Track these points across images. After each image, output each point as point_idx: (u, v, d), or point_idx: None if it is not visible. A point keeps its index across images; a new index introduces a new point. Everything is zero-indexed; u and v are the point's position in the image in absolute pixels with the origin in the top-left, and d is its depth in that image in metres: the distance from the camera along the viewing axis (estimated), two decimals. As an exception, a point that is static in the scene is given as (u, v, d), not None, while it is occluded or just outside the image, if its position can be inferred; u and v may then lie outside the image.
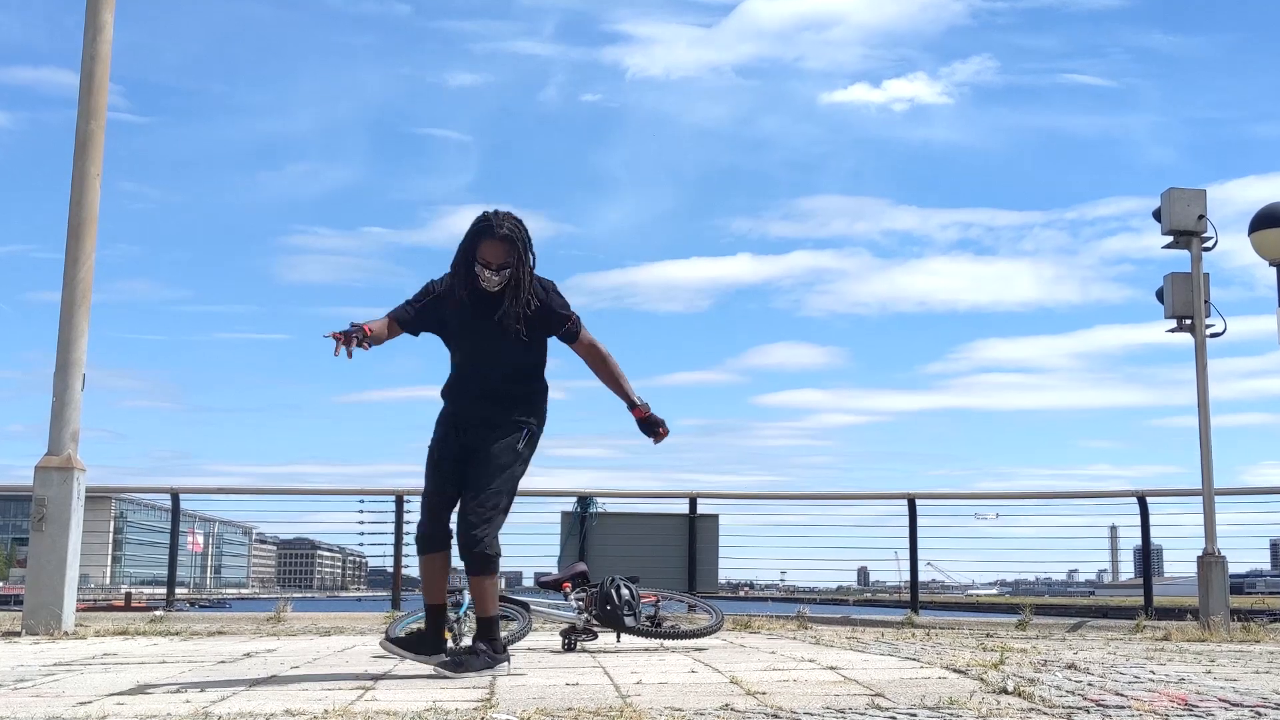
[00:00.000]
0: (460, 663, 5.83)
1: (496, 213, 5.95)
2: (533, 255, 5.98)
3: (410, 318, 6.07)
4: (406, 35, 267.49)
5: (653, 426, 6.26)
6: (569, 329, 6.15)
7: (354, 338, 5.70)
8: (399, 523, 13.71)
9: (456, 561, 6.19)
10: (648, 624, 7.77)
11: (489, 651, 5.91)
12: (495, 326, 5.97)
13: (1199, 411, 12.20)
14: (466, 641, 6.88)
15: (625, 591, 7.68)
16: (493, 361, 6.05)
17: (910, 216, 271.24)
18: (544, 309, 6.04)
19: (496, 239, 5.87)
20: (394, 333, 6.01)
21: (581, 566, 8.18)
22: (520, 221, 5.98)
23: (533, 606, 7.72)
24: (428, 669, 5.99)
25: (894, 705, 4.51)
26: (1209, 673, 5.90)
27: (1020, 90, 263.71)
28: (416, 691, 5.17)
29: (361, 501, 14.37)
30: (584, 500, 13.71)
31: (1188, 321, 12.27)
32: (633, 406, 6.26)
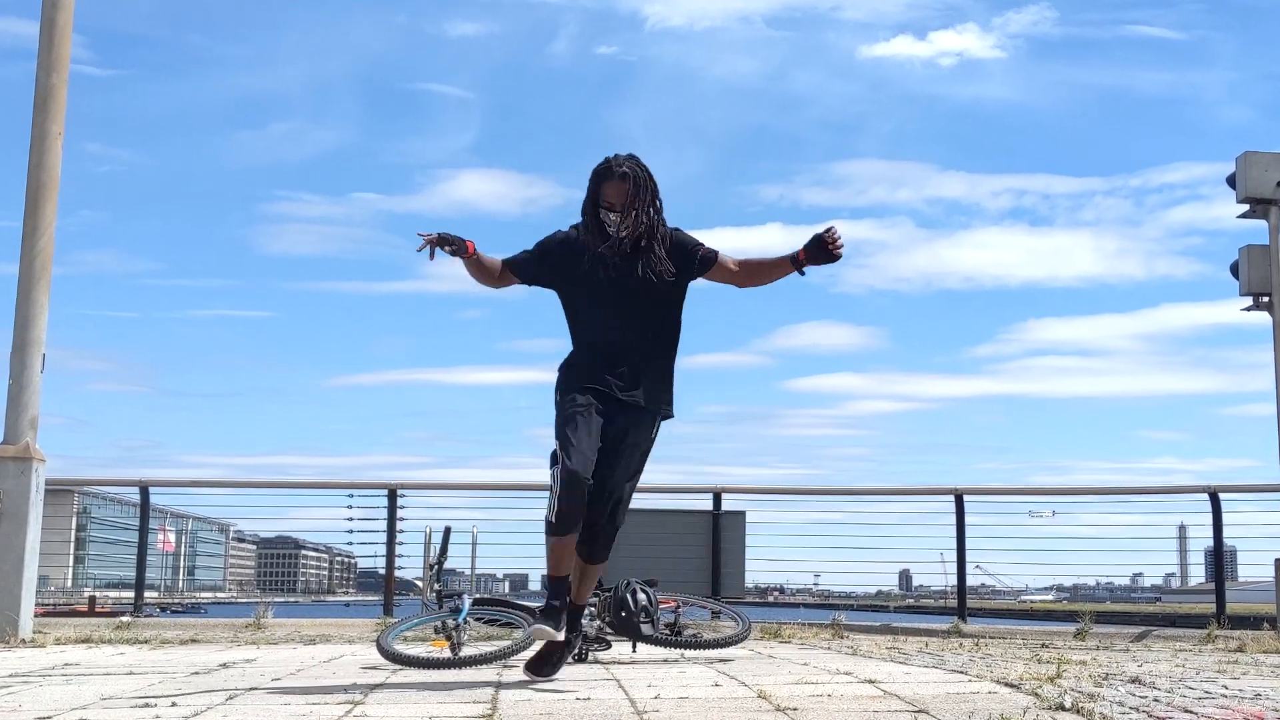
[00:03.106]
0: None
1: (616, 155, 6.18)
2: (659, 200, 6.19)
3: (529, 260, 6.32)
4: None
5: (823, 249, 6.06)
6: (705, 253, 6.27)
7: (447, 243, 6.06)
8: (392, 520, 13.70)
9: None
10: (666, 632, 7.78)
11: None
12: (631, 280, 6.13)
13: (1278, 398, 12.17)
14: (467, 650, 6.92)
15: (642, 596, 7.68)
16: (628, 324, 6.18)
17: (958, 183, 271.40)
18: (677, 246, 6.23)
19: (615, 178, 6.10)
20: (504, 280, 6.33)
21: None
22: (642, 163, 6.18)
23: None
24: (422, 679, 6.01)
25: (939, 723, 4.51)
26: (1289, 688, 5.89)
27: (1081, 43, 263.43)
28: (411, 706, 5.19)
29: (351, 496, 14.35)
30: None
31: (1265, 299, 12.24)
32: (795, 261, 6.17)
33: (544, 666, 6.23)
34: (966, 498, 13.80)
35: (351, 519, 14.41)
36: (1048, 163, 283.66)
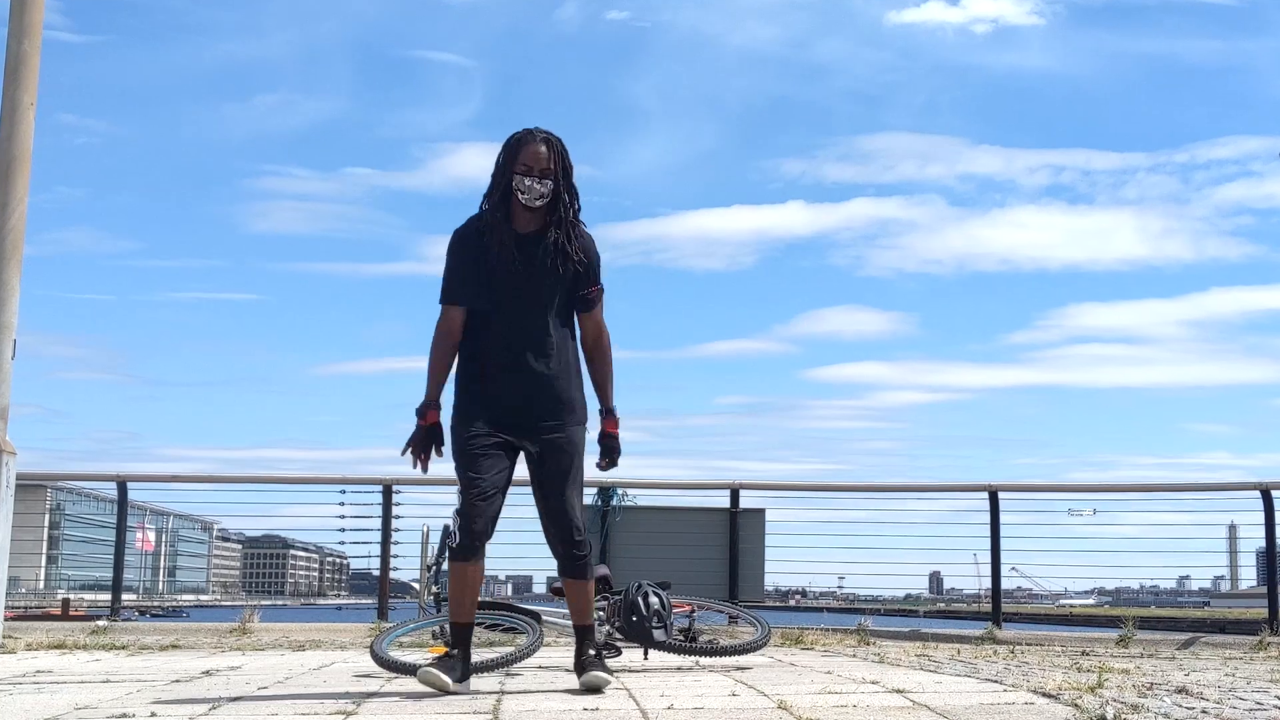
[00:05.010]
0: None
1: (535, 127, 6.13)
2: (575, 186, 6.16)
3: (466, 281, 6.13)
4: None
5: (614, 448, 6.34)
6: (594, 293, 6.23)
7: (432, 446, 6.14)
8: (387, 517, 13.72)
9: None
10: (681, 638, 7.78)
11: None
12: (538, 266, 6.06)
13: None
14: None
15: (654, 600, 7.69)
16: (534, 319, 6.10)
17: (992, 158, 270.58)
18: (586, 252, 6.18)
19: (537, 142, 6.05)
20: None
21: (603, 570, 8.19)
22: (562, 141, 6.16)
23: (545, 617, 7.75)
24: (419, 688, 6.02)
25: (972, 736, 4.51)
26: (1348, 699, 5.88)
27: (1124, 9, 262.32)
28: (407, 716, 5.20)
29: (343, 492, 14.38)
30: (606, 491, 13.69)
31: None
32: (609, 415, 6.35)
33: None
34: (1002, 495, 13.81)
35: (344, 516, 14.44)
36: (1088, 137, 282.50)
